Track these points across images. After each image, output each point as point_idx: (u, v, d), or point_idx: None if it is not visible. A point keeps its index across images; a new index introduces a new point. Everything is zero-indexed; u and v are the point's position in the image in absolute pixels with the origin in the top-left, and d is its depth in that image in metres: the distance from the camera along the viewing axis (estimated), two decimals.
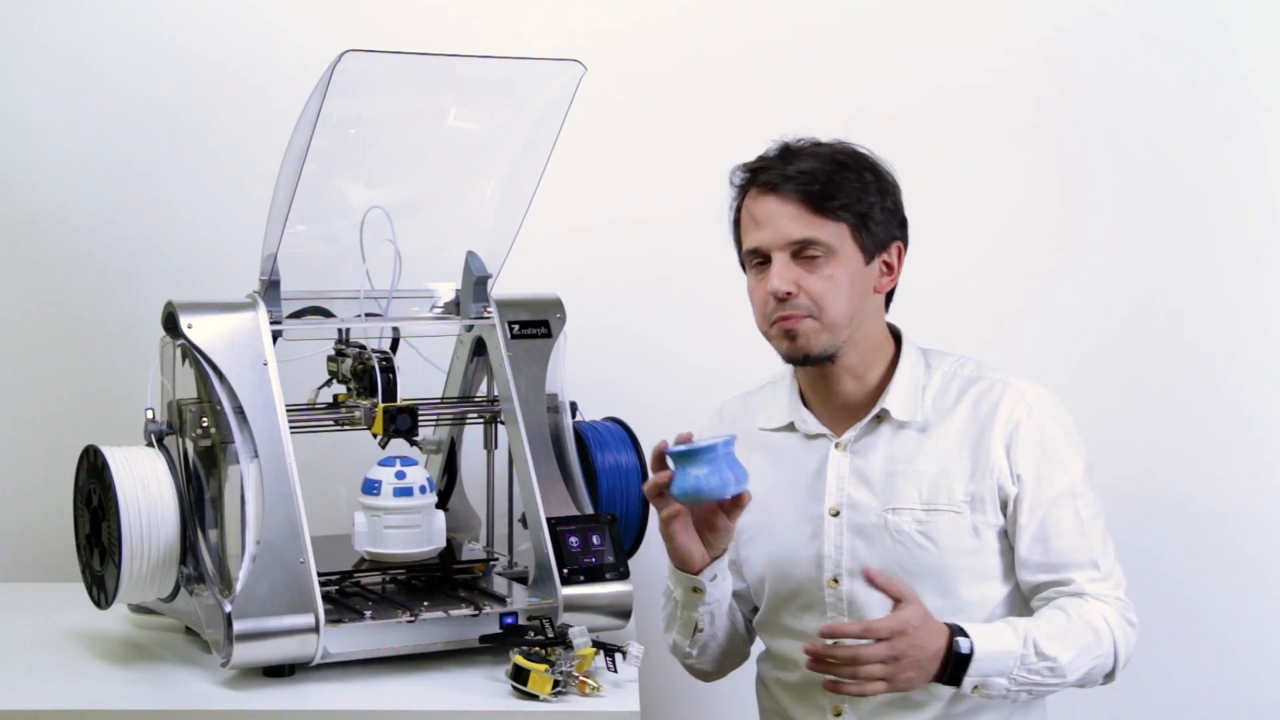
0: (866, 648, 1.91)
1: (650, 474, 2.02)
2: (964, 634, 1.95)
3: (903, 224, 2.13)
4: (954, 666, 1.94)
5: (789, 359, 2.10)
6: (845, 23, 2.78)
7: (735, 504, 2.00)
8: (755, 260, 2.09)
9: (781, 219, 2.05)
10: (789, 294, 2.03)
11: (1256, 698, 2.79)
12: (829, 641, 1.94)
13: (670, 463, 1.98)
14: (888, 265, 2.11)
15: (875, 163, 2.10)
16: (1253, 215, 2.78)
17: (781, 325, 2.05)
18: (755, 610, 2.23)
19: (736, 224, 2.14)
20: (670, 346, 2.80)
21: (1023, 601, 2.09)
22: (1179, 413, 2.78)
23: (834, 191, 2.04)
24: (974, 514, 2.06)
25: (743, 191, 2.12)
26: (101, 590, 2.09)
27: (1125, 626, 2.04)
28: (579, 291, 2.42)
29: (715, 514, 2.03)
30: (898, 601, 1.94)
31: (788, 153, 2.09)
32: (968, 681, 1.95)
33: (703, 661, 2.23)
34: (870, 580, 1.96)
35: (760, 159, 2.11)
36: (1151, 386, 2.79)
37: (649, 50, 2.78)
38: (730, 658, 2.27)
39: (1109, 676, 2.06)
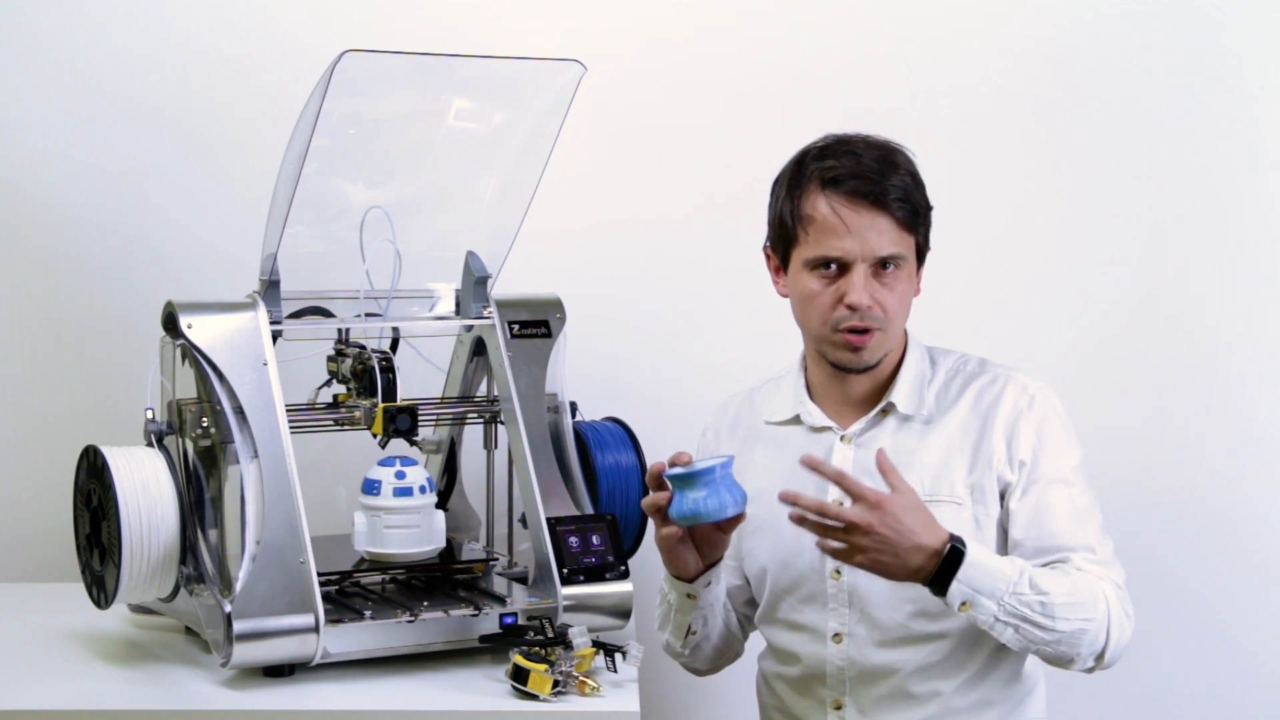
0: (838, 507, 1.91)
1: (648, 491, 2.02)
2: (961, 542, 1.94)
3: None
4: (943, 567, 1.91)
5: (846, 368, 2.09)
6: (845, 23, 2.78)
7: (732, 521, 2.00)
8: (825, 264, 2.05)
9: (873, 233, 2.02)
10: (868, 307, 2.03)
11: (1257, 697, 2.79)
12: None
13: (668, 484, 1.98)
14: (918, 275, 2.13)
15: (920, 177, 2.10)
16: (1253, 215, 2.78)
17: (850, 339, 2.05)
18: (752, 605, 2.24)
19: (801, 221, 2.06)
20: (670, 346, 2.80)
21: None
22: (1179, 412, 2.78)
23: (917, 209, 2.06)
24: (975, 506, 2.06)
25: (817, 188, 2.05)
26: (101, 590, 2.09)
27: (1121, 611, 2.02)
28: (579, 291, 2.43)
29: (711, 528, 2.03)
30: (892, 486, 1.93)
31: (869, 158, 2.04)
32: (956, 589, 1.91)
33: (695, 660, 2.25)
34: (879, 464, 1.94)
35: (850, 163, 2.04)
36: (1152, 386, 2.78)
37: (649, 50, 2.78)
38: (723, 657, 2.27)
39: (1099, 657, 2.00)
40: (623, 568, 2.19)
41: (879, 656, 2.08)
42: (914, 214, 2.05)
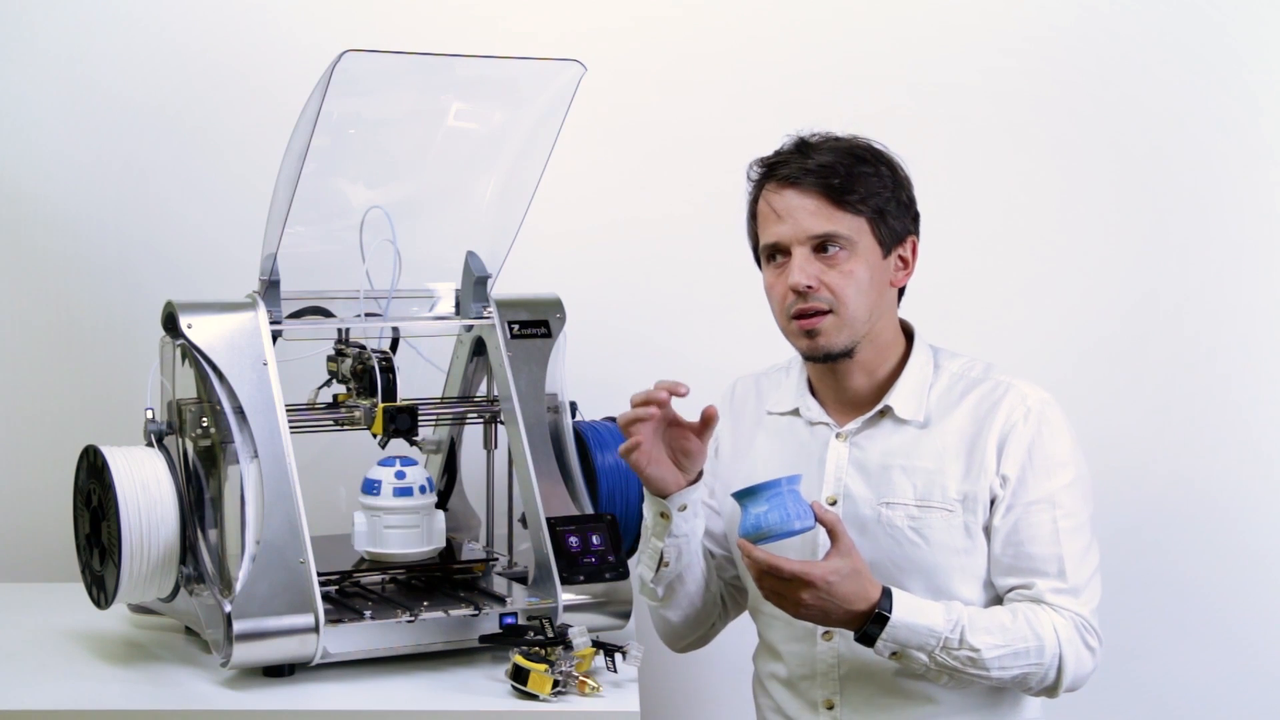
0: (768, 577, 1.94)
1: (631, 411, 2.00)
2: (890, 602, 1.95)
3: (916, 218, 2.13)
4: (870, 626, 1.95)
5: (809, 357, 2.10)
6: (845, 22, 2.78)
7: (705, 424, 2.01)
8: (773, 255, 2.08)
9: (802, 213, 2.04)
10: (809, 288, 2.03)
11: (1258, 695, 2.79)
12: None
13: (735, 502, 1.98)
14: (903, 259, 2.11)
15: (890, 157, 2.09)
16: (1252, 213, 2.78)
17: (801, 324, 2.05)
18: (739, 585, 2.23)
19: (752, 218, 2.12)
20: (670, 346, 2.80)
21: None
22: (1178, 409, 2.78)
23: (853, 185, 2.04)
24: (966, 513, 2.05)
25: (759, 186, 2.10)
26: (101, 590, 2.09)
27: (1079, 646, 2.01)
28: (579, 291, 2.43)
29: (686, 437, 2.03)
30: (834, 542, 1.95)
31: (805, 146, 2.08)
32: (882, 645, 1.96)
33: (669, 609, 2.19)
34: (819, 516, 1.95)
35: (777, 153, 2.10)
36: (1151, 383, 2.79)
37: (649, 50, 2.78)
38: (697, 624, 2.23)
39: (1051, 690, 2.03)
40: (622, 568, 2.19)
41: (870, 653, 2.07)
42: (846, 191, 2.03)
